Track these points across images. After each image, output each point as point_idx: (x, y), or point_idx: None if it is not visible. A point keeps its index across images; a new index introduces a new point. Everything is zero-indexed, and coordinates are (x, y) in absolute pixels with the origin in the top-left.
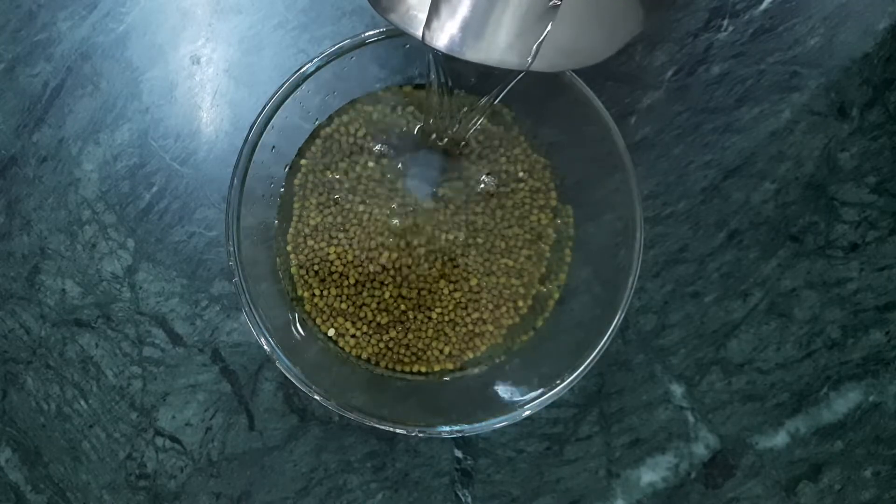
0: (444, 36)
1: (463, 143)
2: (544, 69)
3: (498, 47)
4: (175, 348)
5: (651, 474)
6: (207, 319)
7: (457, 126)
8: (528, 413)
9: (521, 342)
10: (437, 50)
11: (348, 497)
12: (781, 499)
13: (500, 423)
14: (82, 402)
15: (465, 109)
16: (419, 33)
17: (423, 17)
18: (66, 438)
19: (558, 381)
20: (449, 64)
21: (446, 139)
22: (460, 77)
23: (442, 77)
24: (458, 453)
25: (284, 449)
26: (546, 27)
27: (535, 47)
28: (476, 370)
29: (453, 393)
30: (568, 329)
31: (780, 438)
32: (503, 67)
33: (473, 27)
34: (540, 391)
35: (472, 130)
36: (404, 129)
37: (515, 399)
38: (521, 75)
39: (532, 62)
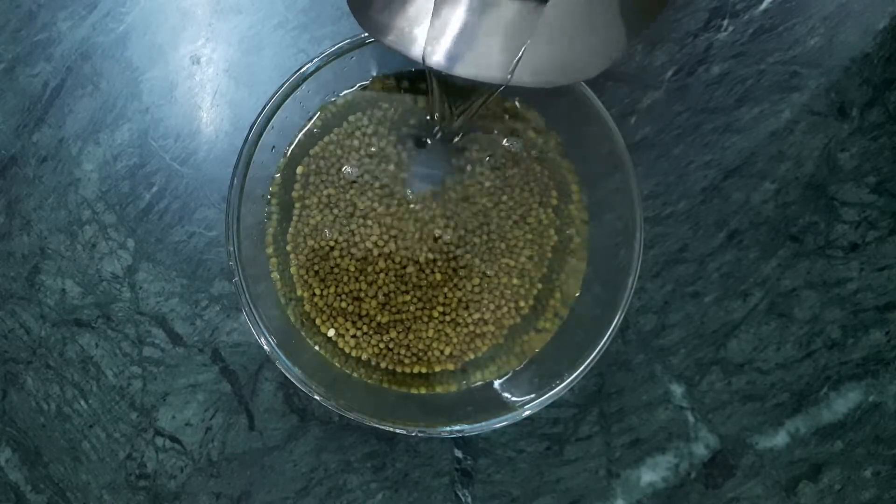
0: (437, 55)
1: (460, 134)
2: (530, 84)
3: (484, 64)
4: (175, 348)
5: (651, 474)
6: (207, 319)
7: (456, 119)
8: (528, 413)
9: (524, 342)
10: (431, 67)
11: (348, 497)
12: (781, 499)
13: (500, 423)
14: (82, 402)
15: (460, 105)
16: (413, 53)
17: (415, 37)
18: (66, 438)
19: (558, 381)
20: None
21: (446, 128)
22: (454, 83)
23: (437, 76)
24: (458, 453)
25: (284, 449)
26: (522, 47)
27: (513, 64)
28: (480, 381)
29: (453, 393)
30: (568, 329)
31: (780, 438)
32: (490, 82)
33: (462, 46)
34: (540, 391)
35: (468, 117)
36: (404, 128)
37: (515, 399)
38: (502, 87)
39: (511, 77)
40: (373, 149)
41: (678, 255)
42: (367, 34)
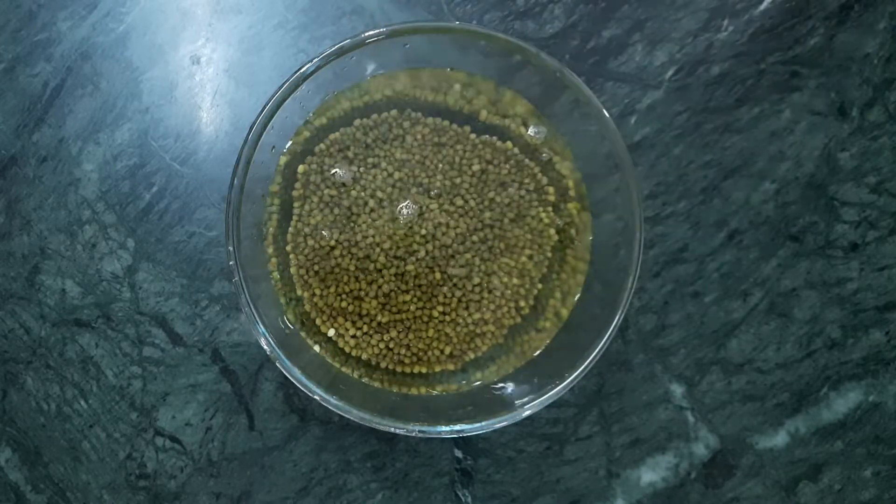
0: None
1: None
2: None
3: None
4: (175, 348)
5: (651, 474)
6: (207, 319)
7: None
8: (528, 413)
9: (524, 342)
10: None
11: (348, 497)
12: (781, 499)
13: (500, 423)
14: (82, 402)
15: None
16: None
17: None
18: (66, 438)
19: (558, 381)
20: None
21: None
22: None
23: None
24: (458, 453)
25: (284, 449)
26: None
27: None
28: (480, 381)
29: (453, 393)
30: (568, 329)
31: (780, 438)
32: None
33: None
34: (540, 391)
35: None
36: (405, 123)
37: (515, 399)
38: None
39: None
40: (373, 149)
41: (678, 255)
42: (367, 34)
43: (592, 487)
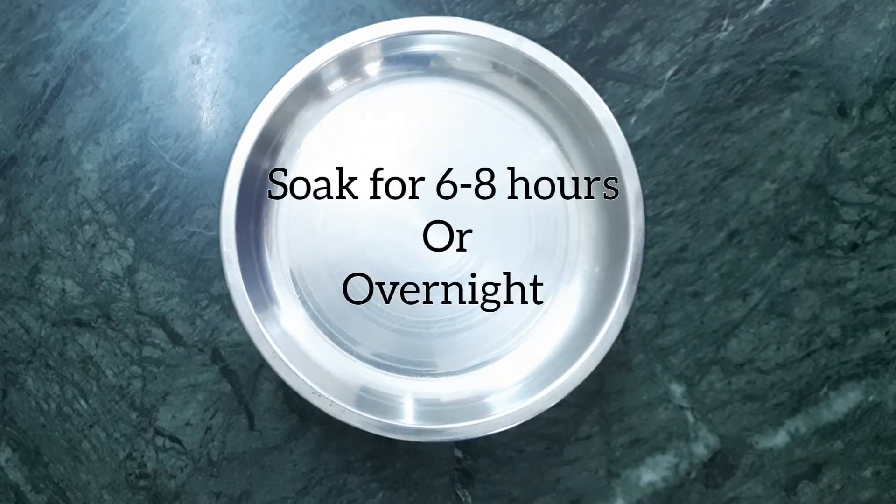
0: None
1: None
2: None
3: None
4: (175, 348)
5: (651, 474)
6: (207, 319)
7: None
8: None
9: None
10: None
11: (348, 497)
12: (781, 499)
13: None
14: (82, 402)
15: None
16: None
17: None
18: (66, 438)
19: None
20: None
21: None
22: None
23: None
24: (458, 453)
25: (284, 449)
26: None
27: None
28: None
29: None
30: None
31: (780, 438)
32: None
33: None
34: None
35: None
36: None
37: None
38: None
39: None
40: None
41: (678, 255)
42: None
43: (592, 487)
